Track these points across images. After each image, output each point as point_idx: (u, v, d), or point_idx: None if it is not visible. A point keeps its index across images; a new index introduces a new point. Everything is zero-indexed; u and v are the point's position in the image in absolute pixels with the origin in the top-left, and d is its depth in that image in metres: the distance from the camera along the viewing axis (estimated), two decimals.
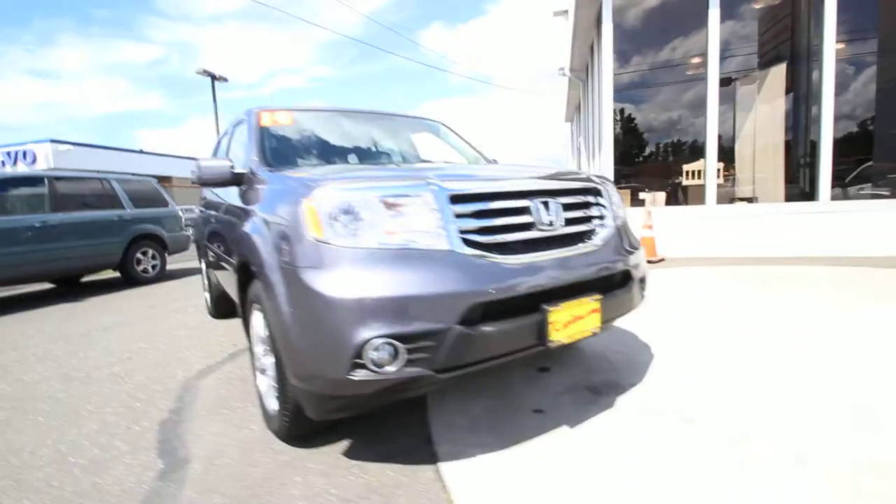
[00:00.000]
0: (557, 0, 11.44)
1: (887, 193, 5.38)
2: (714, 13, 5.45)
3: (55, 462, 1.79)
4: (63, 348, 3.36)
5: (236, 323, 3.81)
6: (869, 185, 5.55)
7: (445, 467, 1.61)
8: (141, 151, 25.02)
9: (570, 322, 1.59)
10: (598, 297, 1.67)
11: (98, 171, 6.52)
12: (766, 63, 5.74)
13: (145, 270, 6.63)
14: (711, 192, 5.61)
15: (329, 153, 2.70)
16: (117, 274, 6.53)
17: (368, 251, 1.40)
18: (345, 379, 1.36)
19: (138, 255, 6.52)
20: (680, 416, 1.84)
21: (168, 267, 7.18)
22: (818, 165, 5.37)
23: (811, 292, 3.69)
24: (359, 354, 1.34)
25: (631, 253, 1.93)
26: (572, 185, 1.82)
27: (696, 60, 5.84)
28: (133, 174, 7.04)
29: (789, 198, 5.68)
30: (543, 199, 1.67)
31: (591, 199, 1.88)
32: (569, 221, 1.74)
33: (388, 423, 1.93)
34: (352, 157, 2.72)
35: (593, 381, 2.24)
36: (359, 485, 1.54)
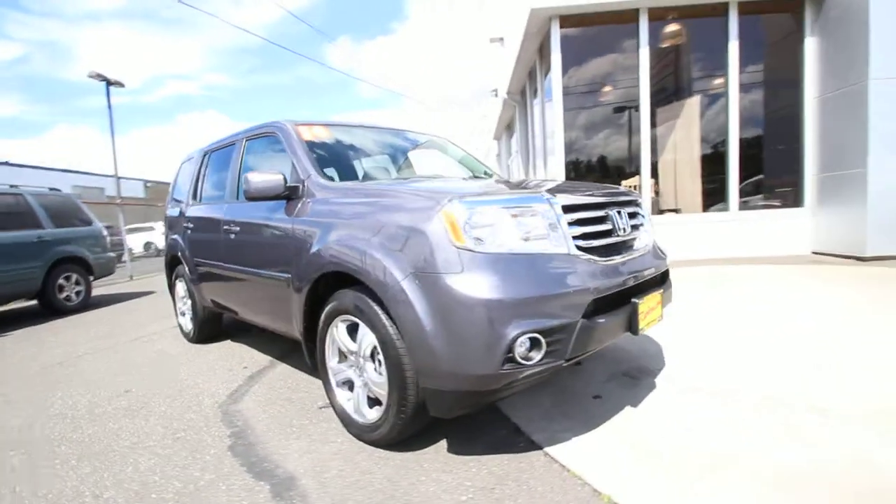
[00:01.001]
0: (480, 23, 12.22)
1: (778, 204, 6.61)
2: (644, 52, 6.34)
3: (140, 500, 1.63)
4: (29, 389, 2.91)
5: (227, 346, 3.58)
6: (761, 196, 6.75)
7: (552, 451, 1.77)
8: (7, 163, 21.45)
9: (648, 313, 1.86)
10: (660, 290, 1.98)
11: (9, 185, 5.62)
12: (683, 94, 6.77)
13: (68, 298, 5.82)
14: (647, 204, 6.42)
15: (360, 165, 2.76)
16: (33, 303, 5.65)
17: (506, 256, 1.55)
18: (496, 373, 1.49)
19: (60, 280, 5.70)
20: (710, 391, 2.20)
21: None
22: (727, 181, 6.44)
23: (750, 287, 4.45)
24: (510, 349, 1.48)
25: (665, 255, 2.28)
26: (626, 198, 2.12)
27: (626, 89, 6.70)
28: (50, 188, 6.16)
29: (706, 208, 6.71)
30: (617, 210, 1.95)
31: (637, 210, 2.20)
32: (630, 228, 2.03)
33: (474, 423, 2.04)
34: (382, 169, 2.80)
35: (626, 369, 2.55)
36: (485, 474, 1.65)
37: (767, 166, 6.74)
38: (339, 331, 1.97)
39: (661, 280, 2.16)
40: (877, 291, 3.90)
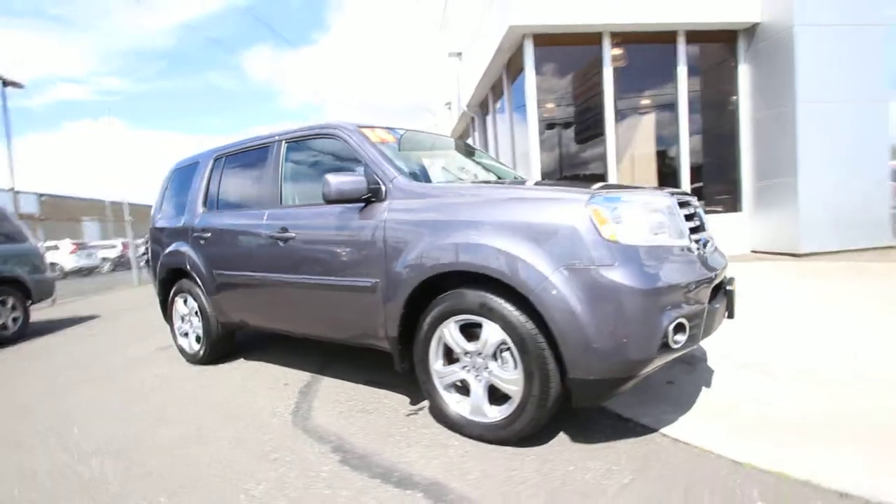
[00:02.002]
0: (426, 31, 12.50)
1: (720, 209, 7.46)
2: (608, 71, 6.90)
3: None
4: (34, 423, 2.49)
5: (244, 364, 3.32)
6: (703, 202, 7.58)
7: (667, 431, 1.89)
8: None
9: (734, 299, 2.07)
10: (733, 279, 2.20)
11: None
12: (640, 111, 7.44)
13: (4, 326, 5.00)
14: None
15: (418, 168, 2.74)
16: None
17: (647, 248, 1.66)
18: (650, 358, 1.58)
19: None
20: (758, 367, 2.47)
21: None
22: (679, 188, 7.18)
23: None
24: (665, 335, 1.58)
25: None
26: (694, 199, 2.34)
27: (591, 104, 7.23)
28: None
29: None
30: (694, 208, 2.14)
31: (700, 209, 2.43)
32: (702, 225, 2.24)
33: (576, 415, 2.09)
34: (438, 172, 2.80)
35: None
36: (627, 458, 1.72)
37: (709, 176, 7.58)
38: (450, 332, 1.95)
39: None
40: (818, 282, 4.57)
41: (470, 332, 1.93)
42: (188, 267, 3.26)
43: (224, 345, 3.39)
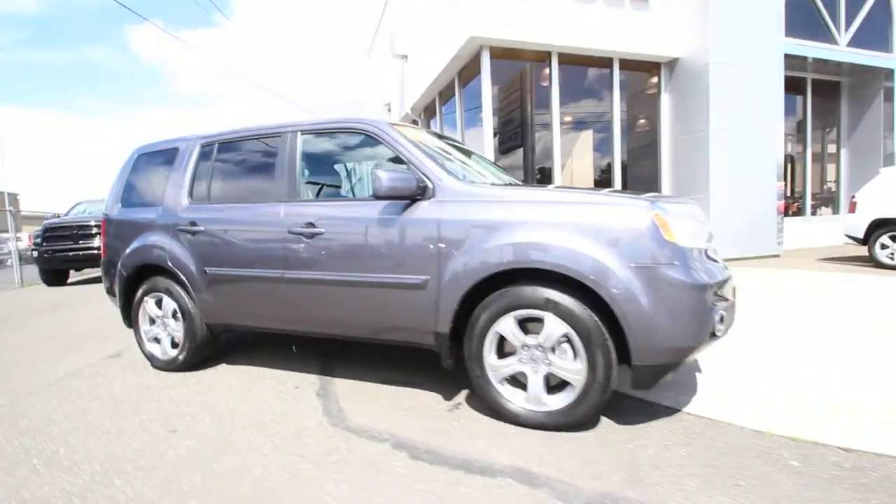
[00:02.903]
0: (366, 39, 12.39)
1: None
2: (555, 88, 7.43)
3: None
4: (4, 448, 2.09)
5: (234, 369, 3.09)
6: None
7: (689, 410, 2.19)
8: None
9: None
10: None
11: None
12: (580, 128, 8.11)
13: None
14: None
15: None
16: None
17: (694, 249, 1.92)
18: (702, 344, 1.85)
19: None
20: (728, 353, 2.92)
21: None
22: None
23: None
24: (713, 324, 1.85)
25: None
26: None
27: (540, 117, 7.75)
28: None
29: None
30: None
31: None
32: None
33: (628, 405, 2.29)
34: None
35: None
36: (672, 434, 1.96)
37: (635, 188, 8.50)
38: (509, 326, 2.05)
39: None
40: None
41: (524, 326, 2.05)
42: (169, 263, 2.95)
43: (207, 349, 3.11)
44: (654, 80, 8.13)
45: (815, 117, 9.46)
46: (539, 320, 2.02)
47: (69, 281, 9.64)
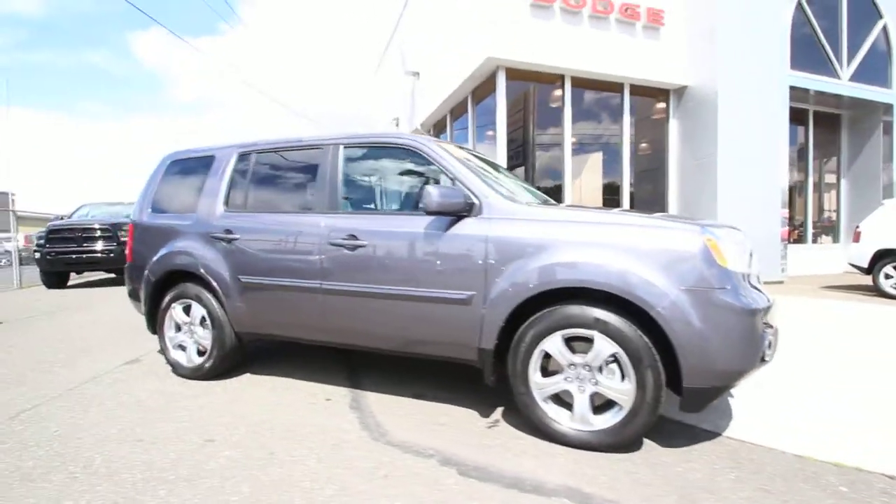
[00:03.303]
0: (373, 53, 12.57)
1: None
2: (567, 110, 7.58)
3: None
4: (36, 456, 2.05)
5: (261, 379, 3.05)
6: None
7: (729, 434, 2.20)
8: None
9: None
10: None
11: None
12: (590, 149, 8.25)
13: None
14: None
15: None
16: None
17: (742, 273, 1.96)
18: (752, 369, 1.87)
19: None
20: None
21: None
22: None
23: None
24: (763, 349, 1.88)
25: None
26: None
27: (552, 137, 7.88)
28: None
29: None
30: None
31: None
32: None
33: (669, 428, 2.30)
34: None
35: None
36: (716, 458, 1.97)
37: (641, 209, 8.61)
38: (556, 345, 2.07)
39: None
40: None
41: (569, 345, 2.07)
42: (202, 271, 2.94)
43: (234, 358, 3.09)
44: (663, 105, 8.31)
45: (816, 148, 9.70)
46: (585, 339, 2.03)
47: (68, 284, 9.52)
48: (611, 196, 8.28)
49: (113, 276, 10.23)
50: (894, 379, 2.93)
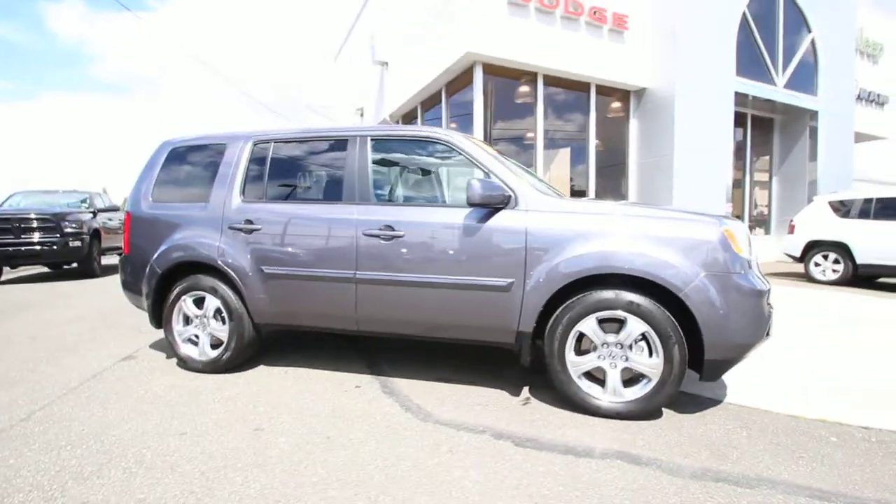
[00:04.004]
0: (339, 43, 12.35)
1: None
2: (540, 107, 7.88)
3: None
4: (83, 454, 1.97)
5: (270, 371, 3.05)
6: None
7: (730, 400, 2.52)
8: None
9: None
10: None
11: None
12: (558, 145, 8.63)
13: None
14: None
15: None
16: None
17: (750, 261, 2.26)
18: (760, 343, 2.17)
19: None
20: None
21: None
22: None
23: None
24: (768, 326, 2.19)
25: None
26: None
27: (529, 135, 8.16)
28: None
29: None
30: None
31: None
32: None
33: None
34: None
35: None
36: (728, 420, 2.27)
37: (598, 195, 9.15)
38: (589, 326, 2.28)
39: None
40: None
41: (601, 325, 2.29)
42: (219, 262, 2.88)
43: (251, 350, 3.06)
44: (625, 105, 8.84)
45: (752, 148, 10.70)
46: (615, 320, 2.26)
47: (1, 279, 8.64)
48: (578, 189, 8.72)
49: (49, 270, 9.39)
50: (838, 348, 3.44)
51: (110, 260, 10.46)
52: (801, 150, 10.24)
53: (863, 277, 6.93)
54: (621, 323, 2.25)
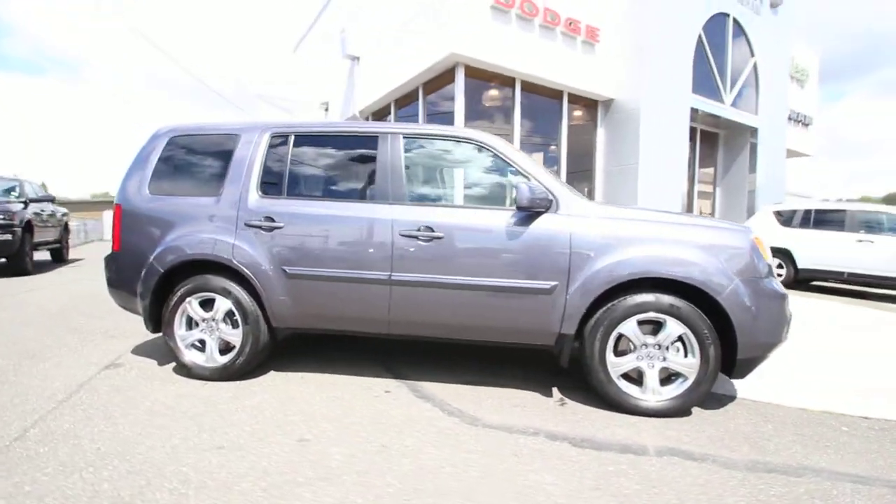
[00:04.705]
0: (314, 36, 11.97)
1: None
2: (517, 111, 8.04)
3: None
4: (136, 481, 1.75)
5: (287, 378, 2.90)
6: None
7: (743, 396, 2.72)
8: None
9: None
10: None
11: None
12: (531, 150, 8.84)
13: None
14: None
15: None
16: None
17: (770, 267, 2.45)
18: (782, 342, 2.36)
19: None
20: None
21: None
22: None
23: None
24: (789, 326, 2.38)
25: None
26: None
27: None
28: None
29: None
30: None
31: None
32: None
33: None
34: None
35: None
36: (751, 415, 2.44)
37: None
38: (630, 328, 2.37)
39: None
40: None
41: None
42: (235, 261, 2.68)
43: (264, 354, 2.88)
44: (593, 114, 9.23)
45: (700, 160, 11.55)
46: (652, 322, 2.36)
47: None
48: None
49: None
50: (811, 348, 3.81)
51: (44, 255, 9.42)
52: (742, 163, 11.19)
53: (801, 280, 7.71)
54: (657, 325, 2.36)
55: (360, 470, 1.84)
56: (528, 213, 2.46)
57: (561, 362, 2.51)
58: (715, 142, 11.69)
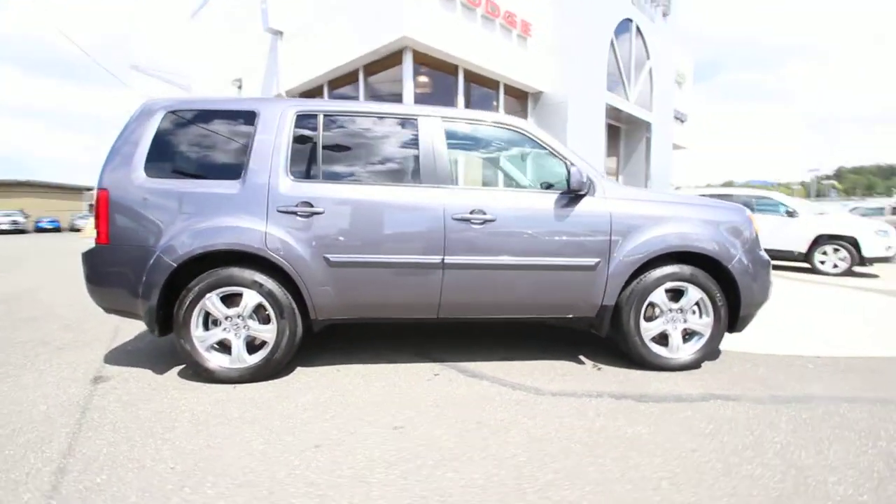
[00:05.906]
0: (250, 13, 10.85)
1: None
2: (461, 98, 8.17)
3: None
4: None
5: (317, 372, 2.78)
6: None
7: (734, 349, 3.26)
8: None
9: None
10: None
11: None
12: None
13: None
14: None
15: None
16: None
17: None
18: (767, 301, 2.88)
19: None
20: None
21: None
22: None
23: None
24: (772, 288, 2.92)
25: None
26: None
27: None
28: None
29: None
30: None
31: None
32: None
33: None
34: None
35: None
36: (749, 365, 2.96)
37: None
38: (659, 296, 2.71)
39: None
40: None
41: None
42: (269, 251, 2.47)
43: (295, 350, 2.70)
44: (524, 105, 9.75)
45: (607, 151, 12.87)
46: (674, 290, 2.73)
47: None
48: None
49: None
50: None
51: None
52: (640, 154, 12.73)
53: None
54: (678, 292, 2.73)
55: (478, 447, 1.89)
56: (572, 195, 2.65)
57: (601, 332, 2.77)
58: (618, 135, 13.07)
